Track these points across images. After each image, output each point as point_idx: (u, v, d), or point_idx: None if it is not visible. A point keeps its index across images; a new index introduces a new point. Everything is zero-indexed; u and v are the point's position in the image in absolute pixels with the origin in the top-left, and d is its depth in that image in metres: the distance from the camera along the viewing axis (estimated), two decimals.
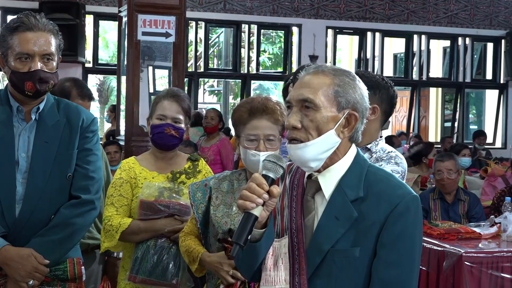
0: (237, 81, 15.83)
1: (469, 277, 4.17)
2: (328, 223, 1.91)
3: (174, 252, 3.05)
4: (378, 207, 1.89)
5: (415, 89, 13.06)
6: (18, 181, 2.58)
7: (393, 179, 1.97)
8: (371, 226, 1.89)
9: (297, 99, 1.93)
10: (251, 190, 1.83)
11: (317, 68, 1.97)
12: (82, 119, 2.70)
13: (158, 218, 3.05)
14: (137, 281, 3.00)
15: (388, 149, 3.01)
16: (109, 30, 17.16)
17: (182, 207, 3.09)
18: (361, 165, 1.97)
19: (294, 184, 2.02)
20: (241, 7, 11.50)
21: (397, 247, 1.88)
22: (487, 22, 12.84)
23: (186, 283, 3.11)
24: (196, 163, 3.29)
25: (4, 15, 10.42)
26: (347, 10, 12.00)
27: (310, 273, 1.92)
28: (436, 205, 5.33)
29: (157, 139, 3.18)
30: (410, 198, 1.91)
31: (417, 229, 1.94)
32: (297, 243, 1.93)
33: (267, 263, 1.97)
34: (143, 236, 3.03)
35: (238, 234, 1.81)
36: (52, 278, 2.63)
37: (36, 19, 2.59)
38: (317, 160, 1.92)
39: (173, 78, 6.93)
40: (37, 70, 2.55)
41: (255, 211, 1.83)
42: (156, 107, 3.22)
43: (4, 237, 2.55)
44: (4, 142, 2.58)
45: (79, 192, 2.65)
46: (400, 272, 1.89)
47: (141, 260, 3.01)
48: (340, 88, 1.92)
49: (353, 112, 1.93)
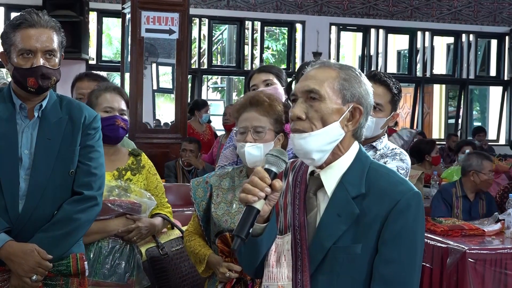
0: (240, 78, 15.84)
1: (472, 274, 4.16)
2: (330, 220, 1.91)
3: (127, 252, 3.03)
4: (379, 203, 1.89)
5: (419, 85, 13.03)
6: (21, 177, 2.58)
7: (395, 176, 1.97)
8: (372, 222, 1.88)
9: (303, 90, 1.93)
10: (253, 183, 1.83)
11: (322, 63, 1.99)
12: (84, 116, 2.71)
13: (109, 218, 3.01)
14: (90, 283, 2.94)
15: (392, 146, 3.05)
16: (113, 27, 17.18)
17: (134, 205, 3.06)
18: (363, 162, 1.97)
19: (297, 181, 2.01)
20: (245, 4, 11.49)
21: (398, 244, 1.87)
22: (491, 19, 12.81)
23: (141, 281, 3.09)
24: (139, 158, 3.26)
25: (8, 12, 10.43)
26: (351, 6, 11.98)
27: (312, 270, 1.91)
28: (459, 202, 5.32)
29: (108, 132, 3.09)
30: (411, 195, 1.90)
31: (418, 225, 1.92)
32: (300, 240, 1.93)
33: (269, 259, 1.97)
34: (94, 237, 2.98)
35: (240, 227, 1.81)
36: (55, 274, 2.63)
37: (39, 16, 2.60)
38: (321, 152, 1.91)
39: (176, 75, 6.94)
40: (40, 66, 2.56)
41: (257, 204, 1.83)
42: (98, 101, 3.17)
43: (8, 233, 2.55)
44: (7, 139, 2.59)
45: (81, 188, 2.66)
46: (401, 269, 1.88)
47: (93, 262, 2.96)
48: (345, 81, 1.93)
49: (358, 105, 1.93)
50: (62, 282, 2.66)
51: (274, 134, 2.72)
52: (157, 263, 3.23)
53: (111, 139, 3.15)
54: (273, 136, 2.71)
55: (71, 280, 2.67)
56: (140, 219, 3.07)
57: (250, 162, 2.70)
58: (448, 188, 5.48)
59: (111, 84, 3.29)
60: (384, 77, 3.02)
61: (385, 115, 3.01)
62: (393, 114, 3.05)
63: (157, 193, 3.26)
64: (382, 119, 3.00)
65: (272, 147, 2.65)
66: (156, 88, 7.87)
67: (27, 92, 2.61)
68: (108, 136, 3.11)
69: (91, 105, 3.15)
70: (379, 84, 2.99)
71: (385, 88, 3.01)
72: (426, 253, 4.48)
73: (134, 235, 3.05)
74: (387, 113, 3.02)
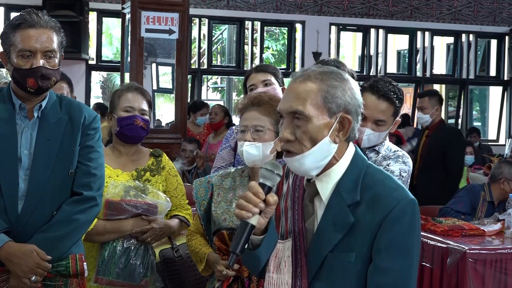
0: (240, 78, 15.83)
1: (472, 274, 4.16)
2: (327, 228, 1.90)
3: (141, 252, 3.03)
4: (373, 211, 1.86)
5: (419, 85, 13.02)
6: (20, 177, 2.58)
7: (390, 182, 1.93)
8: (366, 230, 1.86)
9: (287, 112, 1.90)
10: (247, 199, 1.82)
11: (303, 74, 1.93)
12: (84, 116, 2.70)
13: (124, 218, 3.02)
14: (104, 282, 2.97)
15: (394, 148, 3.05)
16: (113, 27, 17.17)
17: (150, 206, 3.06)
18: (359, 166, 1.94)
19: (296, 185, 2.01)
20: (245, 4, 11.48)
21: (393, 253, 1.84)
22: (491, 19, 12.80)
23: (155, 283, 3.09)
24: (160, 159, 3.26)
25: (8, 12, 10.42)
26: (351, 6, 11.98)
27: (311, 277, 1.92)
28: (484, 206, 5.31)
29: (126, 131, 3.13)
30: (406, 202, 1.87)
31: (414, 233, 1.88)
32: (300, 247, 1.94)
33: (270, 265, 1.98)
34: (109, 236, 3.00)
35: (235, 243, 1.81)
36: (55, 274, 2.63)
37: (38, 17, 2.59)
38: (317, 168, 1.90)
39: (176, 75, 6.93)
40: (39, 67, 2.56)
41: (252, 220, 1.83)
42: (120, 100, 3.17)
43: (7, 233, 2.55)
44: (7, 139, 2.59)
45: (81, 189, 2.65)
46: (396, 279, 1.85)
47: (107, 262, 2.97)
48: (328, 93, 1.88)
49: (345, 115, 1.89)
50: (61, 283, 2.65)
51: (274, 134, 2.72)
52: (170, 264, 3.22)
53: (130, 138, 3.16)
54: (273, 137, 2.71)
55: (70, 281, 2.66)
56: (155, 220, 3.07)
57: (249, 161, 2.71)
58: (477, 191, 5.46)
59: (132, 84, 3.29)
60: (386, 91, 2.95)
61: (387, 128, 2.99)
62: (394, 122, 3.03)
63: (177, 195, 3.27)
64: (385, 132, 3.00)
65: (272, 147, 2.66)
66: (156, 88, 7.86)
67: (26, 92, 2.60)
68: (127, 135, 3.13)
69: (113, 105, 3.16)
70: (382, 100, 2.94)
71: (388, 103, 2.96)
72: (426, 253, 4.48)
73: (148, 236, 3.05)
74: (390, 124, 3.00)
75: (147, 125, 3.18)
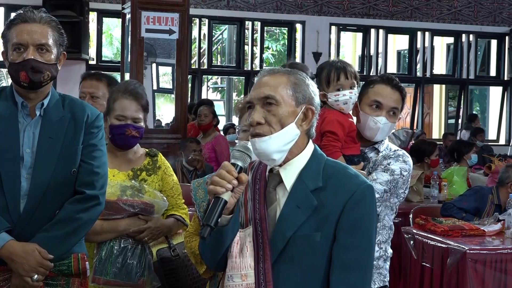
0: (240, 78, 15.84)
1: (473, 274, 4.17)
2: (290, 212, 2.06)
3: (138, 252, 3.04)
4: (336, 195, 2.05)
5: (419, 86, 13.04)
6: (22, 176, 2.57)
7: (349, 171, 2.13)
8: (330, 213, 2.04)
9: (259, 97, 2.08)
10: (221, 176, 1.96)
11: (271, 70, 2.14)
12: (87, 114, 2.70)
13: (121, 217, 3.03)
14: (101, 282, 2.96)
15: (394, 148, 3.07)
16: (113, 27, 17.18)
17: (147, 206, 3.07)
18: (319, 159, 2.14)
19: (257, 179, 2.16)
20: (245, 4, 11.49)
21: (355, 231, 2.04)
22: (491, 19, 12.81)
23: (152, 282, 3.08)
24: (155, 159, 3.27)
25: (8, 12, 10.44)
26: (351, 7, 11.99)
27: (274, 259, 2.05)
28: (491, 209, 5.32)
29: (117, 140, 3.15)
30: (365, 187, 2.08)
31: (372, 214, 2.10)
32: (261, 232, 2.07)
33: (232, 251, 2.09)
34: (106, 236, 3.00)
35: (208, 216, 1.93)
36: (57, 273, 2.63)
37: (33, 13, 2.60)
38: (280, 152, 2.06)
39: (176, 75, 6.93)
40: (29, 59, 2.55)
41: (225, 196, 1.96)
42: (114, 106, 3.17)
43: (9, 232, 2.55)
44: (9, 137, 2.58)
45: (83, 188, 2.64)
46: (358, 254, 2.04)
47: (105, 261, 2.97)
48: (296, 85, 2.10)
49: (310, 106, 2.11)
50: (63, 282, 2.65)
51: None
52: (167, 264, 3.21)
53: (120, 146, 3.18)
54: None
55: (72, 280, 2.66)
56: (152, 220, 3.08)
57: None
58: (486, 193, 5.46)
59: (129, 87, 3.22)
60: (399, 82, 3.07)
61: (395, 120, 3.08)
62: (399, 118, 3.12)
63: (173, 194, 3.27)
64: (394, 124, 3.08)
65: None
66: (156, 88, 7.86)
67: (21, 87, 2.60)
68: (118, 144, 3.16)
69: (109, 108, 3.17)
70: (395, 90, 3.04)
71: (400, 94, 3.06)
72: (426, 253, 4.49)
73: (145, 235, 3.06)
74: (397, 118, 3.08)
75: (140, 131, 3.17)
